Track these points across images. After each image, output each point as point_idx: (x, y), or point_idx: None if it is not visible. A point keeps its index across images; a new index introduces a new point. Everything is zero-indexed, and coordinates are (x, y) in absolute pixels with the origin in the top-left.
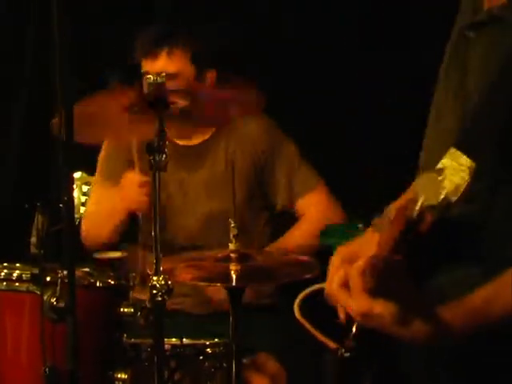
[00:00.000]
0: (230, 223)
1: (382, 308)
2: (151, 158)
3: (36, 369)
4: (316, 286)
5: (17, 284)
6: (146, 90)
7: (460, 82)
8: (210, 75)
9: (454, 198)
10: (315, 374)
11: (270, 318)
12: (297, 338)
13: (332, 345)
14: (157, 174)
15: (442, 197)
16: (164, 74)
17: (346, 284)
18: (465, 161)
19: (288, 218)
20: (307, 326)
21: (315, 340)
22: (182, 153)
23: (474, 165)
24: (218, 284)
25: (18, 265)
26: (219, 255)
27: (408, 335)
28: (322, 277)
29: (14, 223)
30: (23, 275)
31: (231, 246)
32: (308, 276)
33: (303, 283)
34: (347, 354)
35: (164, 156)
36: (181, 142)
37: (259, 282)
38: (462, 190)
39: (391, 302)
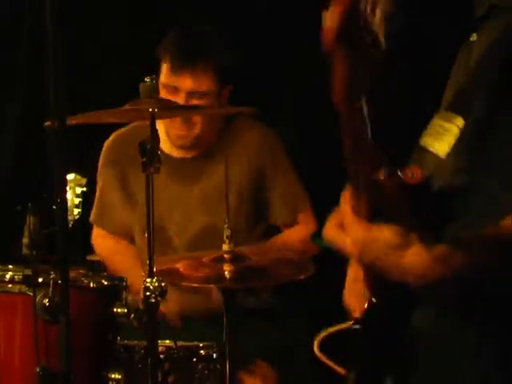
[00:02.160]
0: (225, 223)
1: (379, 230)
2: (144, 159)
3: (29, 370)
4: (339, 327)
5: (9, 285)
6: (141, 93)
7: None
8: (226, 91)
9: (443, 155)
10: (307, 376)
11: (263, 320)
12: (290, 340)
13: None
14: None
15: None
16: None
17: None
18: (455, 119)
19: None
20: (326, 361)
21: (307, 343)
22: (178, 166)
23: (462, 121)
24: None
25: (10, 266)
26: (213, 256)
27: (404, 265)
28: (318, 277)
29: (5, 224)
30: (15, 276)
31: (225, 247)
32: (302, 276)
33: (297, 284)
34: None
35: (156, 158)
36: (177, 155)
37: (253, 282)
38: (451, 146)
39: (388, 225)
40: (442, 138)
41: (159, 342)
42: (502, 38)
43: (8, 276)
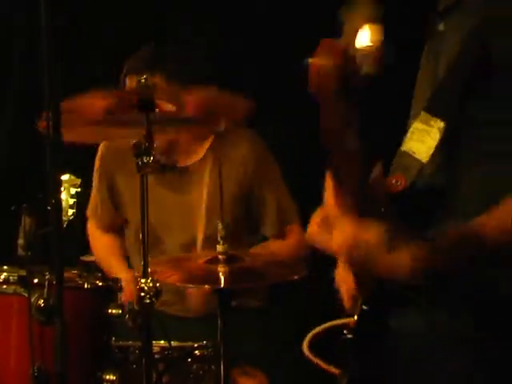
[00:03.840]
0: (218, 225)
1: (368, 232)
2: (138, 160)
3: (24, 370)
4: (327, 325)
5: (4, 286)
6: (136, 91)
7: (433, 72)
8: None
9: (426, 159)
10: (301, 376)
11: (257, 320)
12: (283, 340)
13: (336, 371)
14: (144, 177)
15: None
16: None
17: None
18: (434, 122)
19: None
20: (314, 359)
21: (300, 343)
22: (169, 174)
23: (443, 124)
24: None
25: (5, 267)
26: (207, 257)
27: (392, 265)
28: (310, 278)
29: (1, 225)
30: (10, 277)
31: (219, 248)
32: (296, 277)
33: (292, 285)
34: (350, 336)
35: (151, 158)
36: (170, 163)
37: (247, 283)
38: (432, 150)
39: (377, 226)
40: (424, 142)
41: (154, 342)
42: (475, 32)
43: (3, 277)
